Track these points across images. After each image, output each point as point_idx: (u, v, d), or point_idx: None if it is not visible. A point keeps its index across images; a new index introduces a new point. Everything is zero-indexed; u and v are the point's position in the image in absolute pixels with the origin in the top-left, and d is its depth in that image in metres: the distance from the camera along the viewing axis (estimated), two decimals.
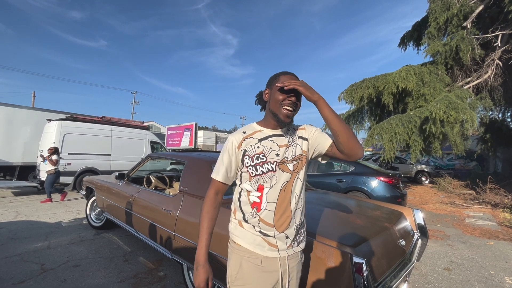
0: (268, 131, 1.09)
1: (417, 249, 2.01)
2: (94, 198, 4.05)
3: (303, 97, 1.04)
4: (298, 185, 1.08)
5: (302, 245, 1.13)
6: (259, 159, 1.04)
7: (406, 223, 2.19)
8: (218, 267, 1.83)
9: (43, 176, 7.03)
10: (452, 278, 2.84)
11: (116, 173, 3.54)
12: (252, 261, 1.02)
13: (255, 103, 1.19)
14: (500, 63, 7.67)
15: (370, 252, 1.48)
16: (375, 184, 5.13)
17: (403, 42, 10.30)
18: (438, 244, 3.93)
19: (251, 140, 1.07)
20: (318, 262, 1.34)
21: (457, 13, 7.69)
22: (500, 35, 7.38)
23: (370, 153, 17.18)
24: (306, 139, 1.12)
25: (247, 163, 1.04)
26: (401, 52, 10.40)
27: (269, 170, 1.03)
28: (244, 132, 1.10)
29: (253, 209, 1.05)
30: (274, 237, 1.03)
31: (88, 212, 4.21)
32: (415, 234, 2.19)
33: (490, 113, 9.80)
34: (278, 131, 1.10)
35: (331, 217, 2.03)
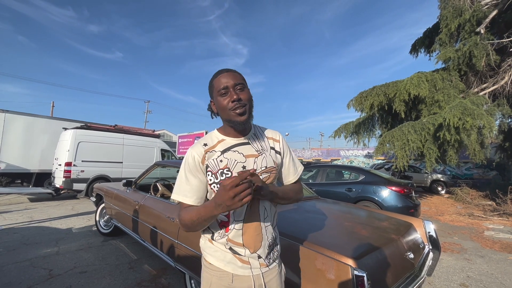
0: (231, 140, 0.98)
1: (427, 263, 1.91)
2: (103, 205, 4.13)
3: None
4: (267, 201, 0.98)
5: (278, 260, 1.04)
6: (223, 174, 0.92)
7: (416, 235, 2.10)
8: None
9: (58, 183, 7.28)
10: None
11: (124, 181, 3.61)
12: (223, 280, 0.94)
13: (212, 117, 1.04)
14: None
15: (374, 265, 1.42)
16: (386, 193, 4.98)
17: (415, 49, 10.15)
18: (454, 257, 3.73)
19: (213, 153, 0.95)
20: (318, 274, 1.29)
21: (470, 18, 7.53)
22: None
23: (382, 161, 16.77)
24: (279, 153, 1.05)
25: (210, 180, 0.93)
26: (413, 59, 10.25)
27: None
28: (205, 144, 0.97)
29: (221, 229, 0.96)
30: (245, 256, 0.94)
31: (97, 218, 4.28)
32: (426, 246, 2.09)
33: (509, 120, 9.40)
34: (243, 139, 0.99)
35: (336, 227, 1.97)
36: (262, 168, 0.96)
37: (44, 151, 8.24)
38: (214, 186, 0.93)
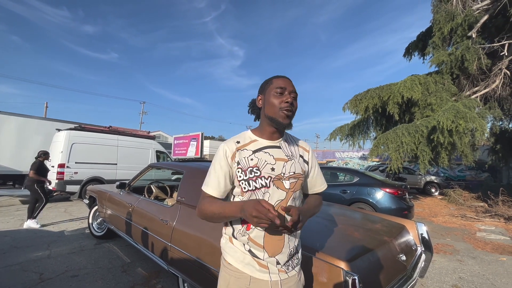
0: (264, 142, 1.00)
1: (420, 264, 1.93)
2: (96, 207, 4.08)
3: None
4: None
5: (297, 268, 1.03)
6: (253, 173, 0.94)
7: (408, 237, 2.12)
8: (210, 279, 1.80)
9: (50, 184, 7.16)
10: None
11: (118, 183, 3.57)
12: (240, 281, 0.95)
13: (249, 113, 1.10)
14: (508, 72, 7.54)
15: (366, 267, 1.43)
16: (380, 195, 5.02)
17: (408, 52, 10.29)
18: (447, 259, 3.77)
19: (244, 151, 0.98)
20: (310, 277, 1.29)
21: (462, 23, 7.68)
22: (506, 45, 7.30)
23: (377, 163, 16.91)
24: (307, 162, 1.08)
25: (240, 176, 0.95)
26: (407, 62, 10.38)
27: (262, 186, 0.94)
28: (238, 142, 1.00)
29: (242, 226, 0.96)
30: (263, 259, 0.94)
31: (90, 221, 4.23)
32: (418, 248, 2.11)
33: (500, 123, 9.59)
34: (275, 143, 1.02)
35: (328, 230, 1.98)
36: (290, 173, 0.98)
37: (37, 153, 8.10)
38: (242, 183, 0.95)
